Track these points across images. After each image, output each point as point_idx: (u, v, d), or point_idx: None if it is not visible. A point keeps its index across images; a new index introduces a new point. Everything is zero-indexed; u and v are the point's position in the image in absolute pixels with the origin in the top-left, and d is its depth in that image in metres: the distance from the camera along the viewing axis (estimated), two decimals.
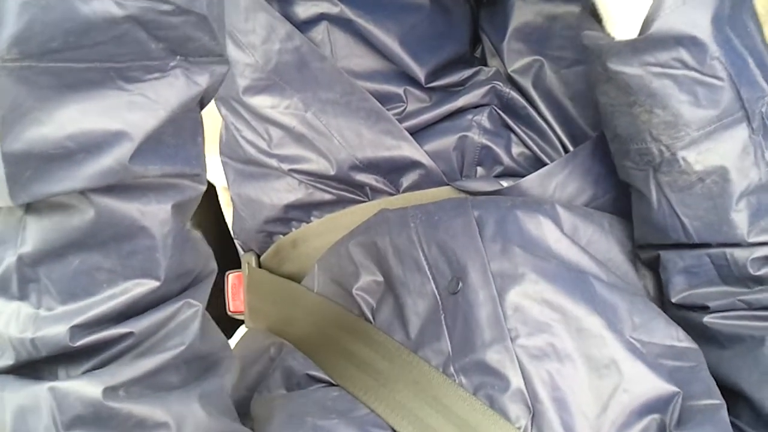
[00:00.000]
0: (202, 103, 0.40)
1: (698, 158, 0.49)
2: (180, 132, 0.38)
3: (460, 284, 0.52)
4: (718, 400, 0.48)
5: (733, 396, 0.50)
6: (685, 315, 0.55)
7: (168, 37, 0.35)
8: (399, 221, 0.57)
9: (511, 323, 0.49)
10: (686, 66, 0.48)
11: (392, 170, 0.65)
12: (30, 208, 0.35)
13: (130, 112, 0.34)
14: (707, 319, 0.53)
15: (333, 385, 0.53)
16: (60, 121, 0.33)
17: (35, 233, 0.35)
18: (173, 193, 0.38)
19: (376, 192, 0.66)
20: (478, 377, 0.49)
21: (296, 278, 0.68)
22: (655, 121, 0.50)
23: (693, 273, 0.53)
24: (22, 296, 0.36)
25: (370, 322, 0.55)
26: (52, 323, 0.35)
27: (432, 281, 0.53)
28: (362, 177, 0.65)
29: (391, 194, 0.65)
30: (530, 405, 0.47)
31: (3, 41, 0.31)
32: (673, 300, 0.55)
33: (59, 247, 0.35)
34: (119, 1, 0.32)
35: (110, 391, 0.35)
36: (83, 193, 0.35)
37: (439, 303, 0.52)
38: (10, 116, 0.32)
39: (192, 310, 0.39)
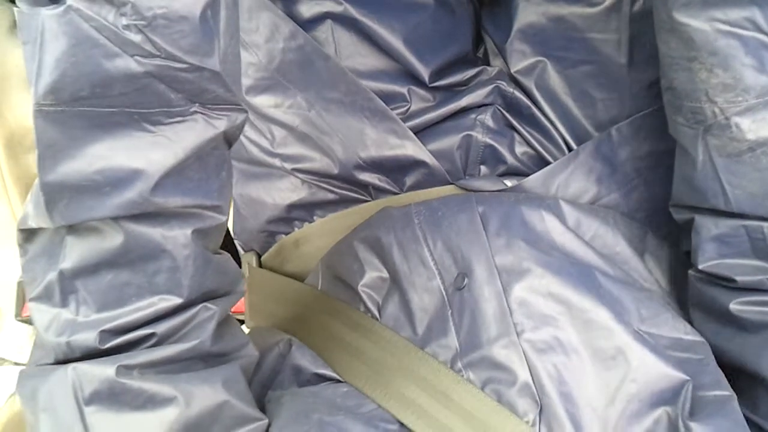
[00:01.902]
0: (230, 143, 0.46)
1: (752, 126, 0.47)
2: (204, 167, 0.43)
3: (466, 280, 0.52)
4: (728, 392, 0.47)
5: (751, 384, 0.49)
6: (710, 294, 0.53)
7: (185, 89, 0.40)
8: (403, 217, 0.57)
9: (516, 317, 0.49)
10: (757, 28, 0.46)
11: (396, 169, 0.65)
12: (70, 229, 0.41)
13: (151, 151, 0.40)
14: (734, 306, 0.51)
15: (342, 381, 0.53)
16: (90, 157, 0.39)
17: (74, 251, 0.41)
18: (194, 221, 0.43)
19: (380, 191, 0.66)
20: (485, 372, 0.49)
21: (298, 278, 0.68)
22: (714, 82, 0.48)
23: (726, 242, 0.52)
24: (64, 304, 0.41)
25: (377, 319, 0.55)
26: (86, 328, 0.41)
27: (438, 277, 0.53)
28: (366, 176, 0.65)
29: (395, 193, 0.65)
30: (538, 399, 0.47)
31: (40, 89, 0.37)
32: (701, 266, 0.53)
33: (94, 264, 0.41)
34: (139, 59, 0.38)
35: (124, 369, 0.40)
36: (113, 219, 0.40)
37: (446, 299, 0.52)
38: (47, 152, 0.38)
39: (209, 312, 0.44)
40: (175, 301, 0.42)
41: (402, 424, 0.49)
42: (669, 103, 0.53)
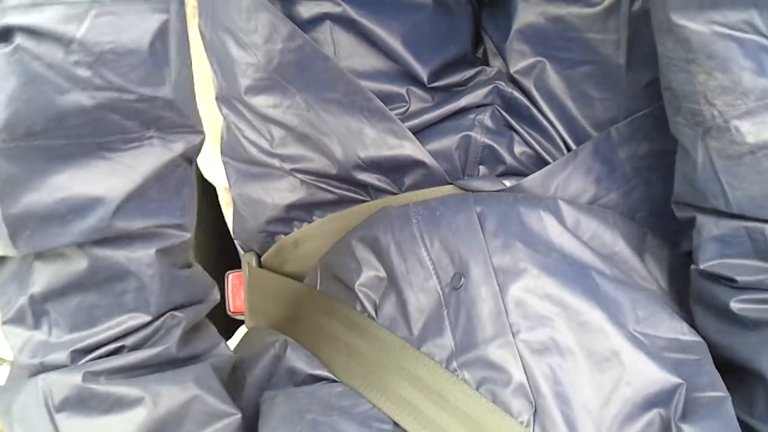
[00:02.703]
0: (190, 160, 0.46)
1: (752, 129, 0.47)
2: (164, 188, 0.44)
3: (463, 279, 0.52)
4: (722, 393, 0.47)
5: (750, 382, 0.49)
6: (711, 292, 0.53)
7: (138, 117, 0.41)
8: (401, 217, 0.57)
9: (512, 318, 0.49)
10: (756, 30, 0.45)
11: (395, 170, 0.65)
12: (37, 255, 0.41)
13: (110, 178, 0.41)
14: (735, 304, 0.51)
15: (337, 381, 0.53)
16: (50, 188, 0.39)
17: (42, 276, 0.42)
18: (157, 241, 0.44)
19: (379, 191, 0.66)
20: (480, 372, 0.49)
21: (298, 278, 0.68)
22: (712, 84, 0.47)
23: (726, 243, 0.51)
24: (36, 326, 0.42)
25: (373, 318, 0.55)
26: (58, 349, 0.42)
27: (434, 276, 0.53)
28: (364, 176, 0.65)
29: (394, 194, 0.65)
30: (532, 399, 0.46)
31: None
32: (702, 266, 0.53)
33: (61, 287, 0.42)
34: (90, 93, 0.38)
35: (90, 375, 0.41)
36: (78, 245, 0.41)
37: (442, 298, 0.52)
38: (6, 187, 0.39)
39: (175, 320, 0.45)
40: (144, 318, 0.44)
41: (396, 424, 0.49)
42: (668, 103, 0.53)
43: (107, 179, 0.41)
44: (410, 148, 0.64)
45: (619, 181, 0.61)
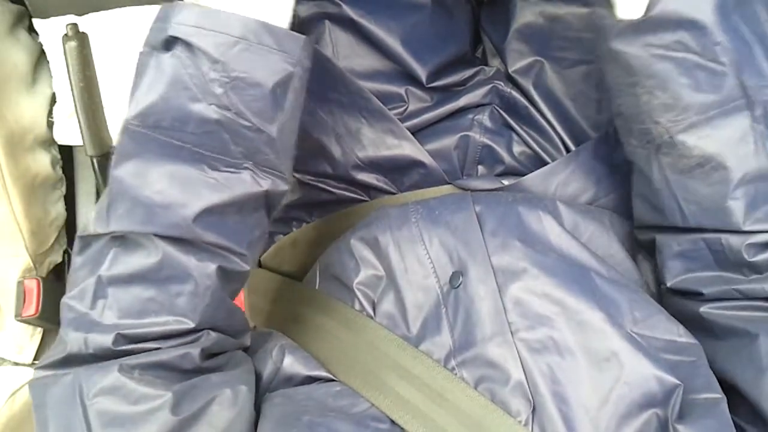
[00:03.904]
0: (269, 209, 0.53)
1: (697, 143, 0.49)
2: (242, 220, 0.50)
3: (461, 278, 0.52)
4: (718, 394, 0.47)
5: (730, 390, 0.49)
6: (681, 304, 0.54)
7: (244, 145, 0.47)
8: (400, 216, 0.57)
9: (511, 317, 0.49)
10: (688, 49, 0.47)
11: (393, 169, 0.65)
12: (119, 242, 0.47)
13: (202, 188, 0.47)
14: (704, 309, 0.52)
15: (335, 380, 0.53)
16: (152, 178, 0.46)
17: (116, 262, 0.47)
18: (221, 259, 0.49)
19: (377, 191, 0.66)
20: (479, 371, 0.48)
21: (297, 278, 0.68)
22: (655, 103, 0.49)
23: (689, 257, 0.53)
24: (92, 306, 0.47)
25: (371, 317, 0.55)
26: (105, 330, 0.46)
27: (433, 275, 0.53)
28: (363, 176, 0.65)
29: (393, 193, 0.66)
30: (531, 398, 0.46)
31: (132, 111, 0.46)
32: (668, 284, 0.54)
33: (128, 276, 0.47)
34: (215, 108, 0.46)
35: (127, 367, 0.45)
36: (156, 237, 0.46)
37: (440, 297, 0.52)
38: (121, 158, 0.47)
39: (210, 337, 0.50)
40: (187, 325, 0.48)
41: (393, 423, 0.48)
42: (621, 128, 0.55)
43: (199, 187, 0.47)
44: (409, 148, 0.64)
45: (618, 181, 0.61)
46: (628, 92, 0.51)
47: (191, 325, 0.48)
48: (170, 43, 0.46)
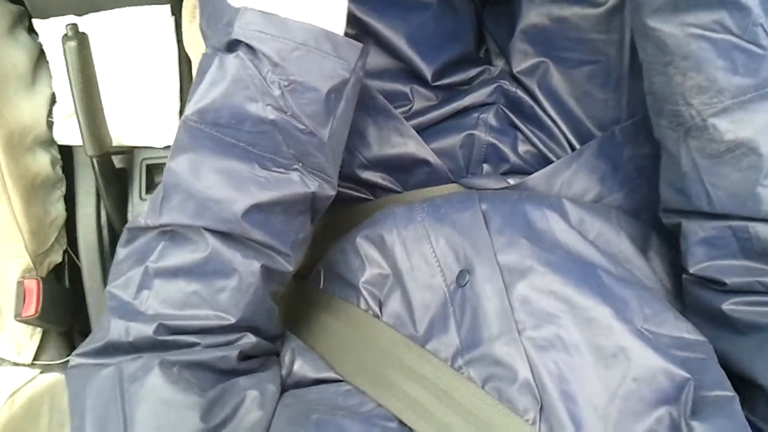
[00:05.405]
0: (314, 213, 0.54)
1: (729, 127, 0.47)
2: (287, 221, 0.52)
3: (468, 277, 0.52)
4: (730, 392, 0.46)
5: (749, 386, 0.49)
6: (702, 297, 0.53)
7: (296, 146, 0.49)
8: (406, 215, 0.57)
9: (518, 315, 0.49)
10: (727, 30, 0.46)
11: (399, 168, 0.65)
12: (168, 236, 0.49)
13: (252, 185, 0.49)
14: (726, 306, 0.51)
15: (343, 381, 0.53)
16: (205, 172, 0.48)
17: (164, 254, 0.49)
18: (266, 258, 0.51)
19: (383, 190, 0.66)
20: (486, 370, 0.48)
21: (301, 276, 0.68)
22: (689, 84, 0.48)
23: (713, 244, 0.51)
24: (136, 296, 0.49)
25: (377, 316, 0.55)
26: (147, 319, 0.48)
27: (440, 274, 0.53)
28: (369, 175, 0.65)
29: (398, 192, 0.65)
30: (538, 397, 0.46)
31: (191, 107, 0.48)
32: (691, 270, 0.53)
33: (175, 269, 0.49)
34: (272, 109, 0.48)
35: (167, 363, 0.46)
36: (206, 231, 0.48)
37: (447, 296, 0.52)
38: (177, 152, 0.49)
39: (249, 340, 0.51)
40: (228, 321, 0.49)
41: (402, 422, 0.48)
42: (651, 107, 0.54)
43: (249, 185, 0.49)
44: (414, 147, 0.63)
45: (622, 180, 0.61)
46: (661, 71, 0.50)
47: (231, 320, 0.49)
48: (234, 45, 0.48)
